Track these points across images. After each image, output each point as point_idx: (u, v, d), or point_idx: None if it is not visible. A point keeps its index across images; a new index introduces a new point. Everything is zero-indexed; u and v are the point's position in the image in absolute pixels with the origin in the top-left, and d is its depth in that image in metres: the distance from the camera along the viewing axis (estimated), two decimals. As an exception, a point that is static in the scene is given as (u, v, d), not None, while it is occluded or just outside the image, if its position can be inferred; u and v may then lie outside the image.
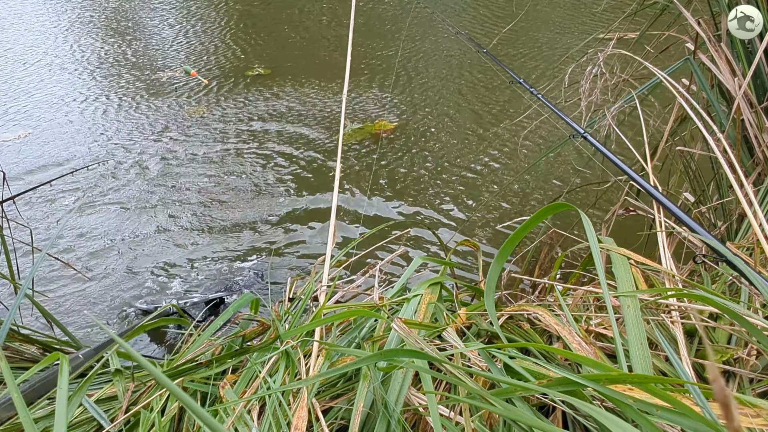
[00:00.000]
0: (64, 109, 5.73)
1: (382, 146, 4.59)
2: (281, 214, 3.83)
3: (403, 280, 1.49)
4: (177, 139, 4.95)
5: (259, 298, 1.67)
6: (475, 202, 3.78)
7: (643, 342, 0.96)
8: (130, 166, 4.53)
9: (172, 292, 3.09)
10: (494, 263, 1.22)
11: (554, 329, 1.13)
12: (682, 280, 1.22)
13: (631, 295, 1.05)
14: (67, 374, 0.64)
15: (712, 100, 2.16)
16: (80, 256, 3.45)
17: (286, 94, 5.72)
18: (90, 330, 2.86)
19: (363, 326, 1.30)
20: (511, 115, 4.96)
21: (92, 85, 6.27)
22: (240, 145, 4.81)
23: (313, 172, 4.34)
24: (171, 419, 1.11)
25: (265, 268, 3.27)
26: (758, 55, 1.91)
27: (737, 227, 1.97)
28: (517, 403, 0.84)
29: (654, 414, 0.66)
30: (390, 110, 5.21)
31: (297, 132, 4.96)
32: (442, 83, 5.75)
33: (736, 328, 1.03)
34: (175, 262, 3.39)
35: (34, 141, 5.08)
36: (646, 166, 1.69)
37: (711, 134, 1.88)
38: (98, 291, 3.15)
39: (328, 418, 1.06)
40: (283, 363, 1.15)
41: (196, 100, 5.74)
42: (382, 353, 0.92)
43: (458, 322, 1.25)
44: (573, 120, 1.86)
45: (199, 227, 3.72)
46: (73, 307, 3.03)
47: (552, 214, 1.18)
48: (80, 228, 3.73)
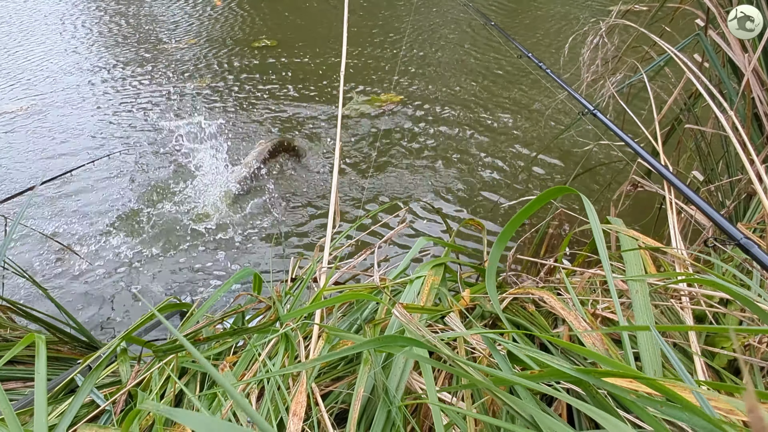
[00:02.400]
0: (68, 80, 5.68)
1: (388, 119, 4.54)
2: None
3: (406, 260, 1.47)
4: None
5: (259, 276, 1.64)
6: (479, 181, 3.73)
7: (652, 328, 0.93)
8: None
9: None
10: (495, 245, 1.19)
11: (560, 313, 1.10)
12: (692, 264, 1.19)
13: (640, 279, 1.03)
14: (44, 358, 0.61)
15: (723, 77, 2.11)
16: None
17: (291, 64, 5.65)
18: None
19: (365, 308, 1.28)
20: (519, 90, 4.88)
21: (97, 57, 6.21)
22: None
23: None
24: (169, 403, 1.10)
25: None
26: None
27: (746, 206, 1.93)
28: (519, 391, 0.82)
29: (659, 410, 0.64)
30: (396, 82, 5.14)
31: (301, 106, 4.92)
32: (449, 56, 5.66)
33: (747, 315, 1.00)
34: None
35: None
36: (657, 145, 1.65)
37: (722, 112, 1.83)
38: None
39: (328, 402, 1.04)
40: (283, 346, 1.13)
41: (200, 73, 5.69)
42: (381, 339, 0.89)
43: (461, 305, 1.23)
44: (580, 95, 1.82)
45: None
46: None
47: (555, 197, 1.15)
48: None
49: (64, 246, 2.64)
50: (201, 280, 3.01)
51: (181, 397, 1.17)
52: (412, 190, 3.69)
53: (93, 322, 2.77)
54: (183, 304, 1.73)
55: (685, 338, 1.00)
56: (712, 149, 2.29)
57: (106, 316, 2.80)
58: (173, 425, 1.05)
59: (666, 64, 2.24)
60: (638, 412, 0.64)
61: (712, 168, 2.29)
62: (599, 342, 0.96)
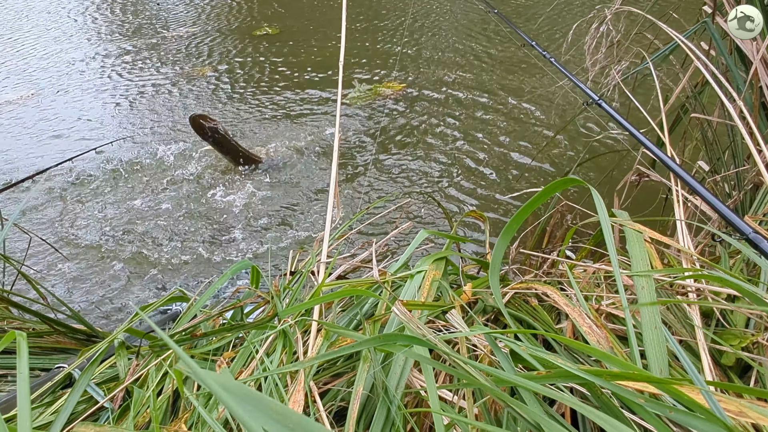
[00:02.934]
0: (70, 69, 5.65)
1: (390, 107, 4.50)
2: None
3: (407, 254, 1.44)
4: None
5: (258, 269, 1.61)
6: (481, 172, 3.70)
7: (658, 326, 0.91)
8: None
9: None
10: (500, 238, 1.16)
11: (563, 309, 1.08)
12: (699, 259, 1.17)
13: (646, 275, 1.00)
14: (26, 356, 0.59)
15: (731, 65, 2.07)
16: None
17: (294, 52, 5.61)
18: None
19: (365, 303, 1.26)
20: (524, 79, 4.83)
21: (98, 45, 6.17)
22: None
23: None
24: (167, 400, 1.08)
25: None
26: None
27: (752, 197, 1.90)
28: (523, 392, 0.80)
29: (668, 415, 0.61)
30: (398, 70, 5.09)
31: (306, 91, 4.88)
32: (452, 42, 5.60)
33: (756, 311, 0.98)
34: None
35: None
36: (663, 136, 1.62)
37: (730, 101, 1.80)
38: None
39: (327, 400, 1.03)
40: (281, 343, 1.11)
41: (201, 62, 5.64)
42: (380, 338, 0.87)
43: (462, 300, 1.20)
44: (584, 85, 1.78)
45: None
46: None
47: (561, 189, 1.12)
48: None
49: (55, 248, 2.62)
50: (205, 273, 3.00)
51: (178, 394, 1.16)
52: (413, 180, 3.65)
53: (98, 312, 2.77)
54: (187, 297, 1.71)
55: (692, 335, 0.98)
56: (718, 138, 2.25)
57: (116, 307, 2.80)
58: (170, 423, 1.04)
59: (671, 52, 2.20)
60: (647, 418, 0.62)
61: (719, 158, 2.25)
62: (604, 339, 0.94)
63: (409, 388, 0.98)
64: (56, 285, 2.91)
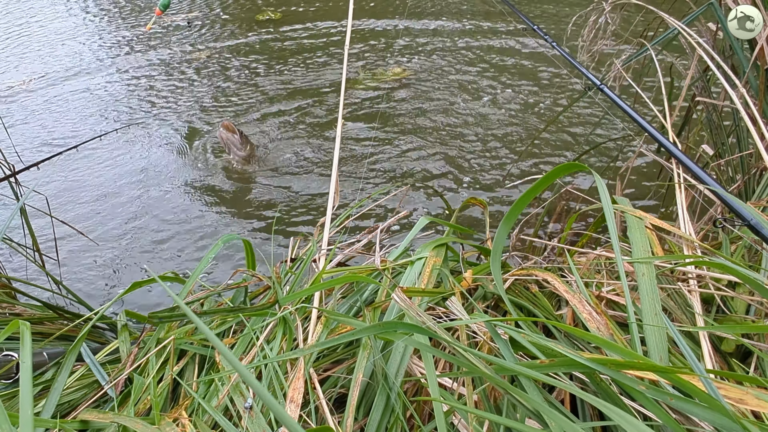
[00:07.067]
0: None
1: (394, 94, 4.47)
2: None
3: (407, 241, 1.44)
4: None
5: (250, 243, 1.56)
6: (489, 155, 3.68)
7: (658, 312, 0.91)
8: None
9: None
10: (502, 224, 1.16)
11: (564, 296, 1.08)
12: (700, 246, 1.16)
13: (647, 261, 1.00)
14: (29, 346, 0.59)
15: (736, 47, 2.04)
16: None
17: (296, 37, 5.58)
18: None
19: (365, 290, 1.26)
20: (527, 66, 4.78)
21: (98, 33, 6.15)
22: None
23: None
24: (167, 387, 1.09)
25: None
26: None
27: (756, 182, 1.89)
28: (523, 380, 0.80)
29: (669, 402, 0.61)
30: (402, 57, 5.06)
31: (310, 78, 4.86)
32: (456, 30, 5.56)
33: (756, 298, 0.97)
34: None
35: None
36: (666, 123, 1.61)
37: (732, 86, 1.78)
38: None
39: (327, 387, 1.03)
40: (281, 329, 1.12)
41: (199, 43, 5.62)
42: (380, 326, 0.87)
43: (463, 287, 1.20)
44: (586, 69, 1.77)
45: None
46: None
47: (564, 174, 1.11)
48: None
49: (76, 229, 2.61)
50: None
51: (178, 381, 1.16)
52: (414, 168, 3.64)
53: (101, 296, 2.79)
54: (179, 278, 1.70)
55: (692, 322, 0.98)
56: (722, 122, 2.23)
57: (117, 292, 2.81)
58: (171, 410, 1.04)
59: (675, 37, 2.17)
60: (647, 405, 0.62)
61: (723, 142, 2.23)
62: (604, 326, 0.93)
63: (408, 375, 0.98)
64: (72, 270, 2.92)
